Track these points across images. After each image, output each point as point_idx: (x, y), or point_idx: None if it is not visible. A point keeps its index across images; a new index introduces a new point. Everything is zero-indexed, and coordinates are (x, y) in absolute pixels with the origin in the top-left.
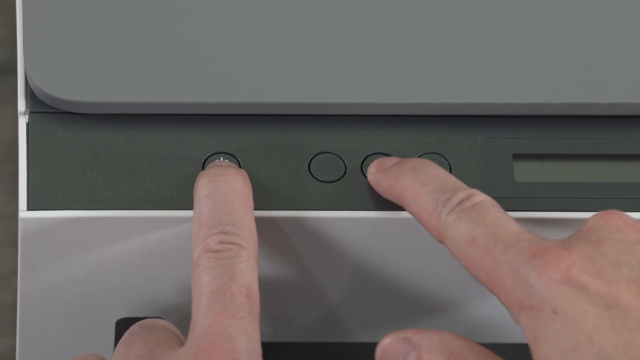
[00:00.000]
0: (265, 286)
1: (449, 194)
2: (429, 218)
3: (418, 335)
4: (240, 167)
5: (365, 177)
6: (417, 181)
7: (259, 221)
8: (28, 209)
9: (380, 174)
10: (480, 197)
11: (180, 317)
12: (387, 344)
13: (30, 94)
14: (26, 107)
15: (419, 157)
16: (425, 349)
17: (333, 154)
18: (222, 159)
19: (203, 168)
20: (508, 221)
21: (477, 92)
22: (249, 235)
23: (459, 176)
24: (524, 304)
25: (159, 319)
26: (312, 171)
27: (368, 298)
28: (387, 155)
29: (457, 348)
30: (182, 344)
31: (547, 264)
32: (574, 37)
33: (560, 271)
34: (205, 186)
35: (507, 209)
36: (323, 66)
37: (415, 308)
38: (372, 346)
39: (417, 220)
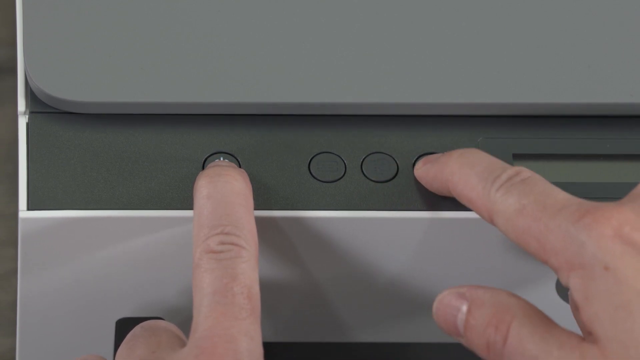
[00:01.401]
0: (266, 286)
1: (497, 172)
2: (477, 197)
3: (472, 290)
4: (240, 167)
5: (365, 176)
6: (465, 164)
7: (259, 221)
8: (28, 209)
9: (428, 164)
10: (528, 173)
11: (181, 317)
12: (443, 297)
13: (30, 94)
14: (26, 107)
15: (419, 157)
16: (476, 303)
17: (333, 154)
18: (222, 158)
19: (203, 168)
20: (556, 190)
21: (477, 92)
22: (249, 235)
23: None
24: (574, 263)
25: (161, 320)
26: (312, 171)
27: (368, 298)
28: (388, 155)
29: (505, 303)
30: (183, 345)
31: (598, 221)
32: (574, 37)
33: (612, 227)
34: (205, 187)
35: None
36: (323, 66)
37: (415, 307)
38: (372, 346)
39: (465, 203)
